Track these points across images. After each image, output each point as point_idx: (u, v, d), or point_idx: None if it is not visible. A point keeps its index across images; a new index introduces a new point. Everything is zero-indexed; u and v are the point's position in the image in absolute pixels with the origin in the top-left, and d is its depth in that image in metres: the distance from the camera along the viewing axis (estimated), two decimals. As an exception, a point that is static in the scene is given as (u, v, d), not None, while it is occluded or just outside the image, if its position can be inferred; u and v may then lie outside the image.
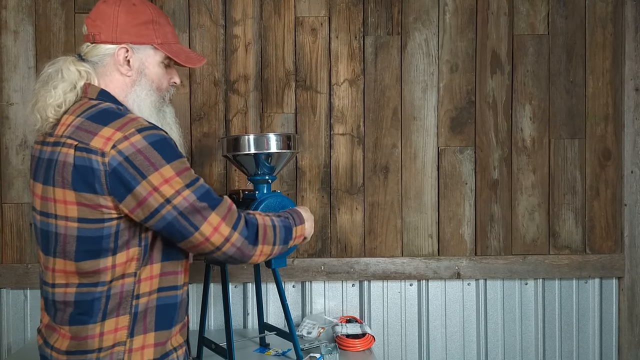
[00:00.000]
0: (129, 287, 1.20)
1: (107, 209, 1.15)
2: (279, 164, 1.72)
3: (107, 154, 1.12)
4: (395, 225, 2.23)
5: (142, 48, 1.28)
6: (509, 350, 2.26)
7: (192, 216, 1.16)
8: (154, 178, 1.13)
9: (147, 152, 1.13)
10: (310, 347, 1.88)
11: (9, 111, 2.14)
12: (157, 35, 1.29)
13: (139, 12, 1.28)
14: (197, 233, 1.17)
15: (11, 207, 2.15)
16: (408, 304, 2.24)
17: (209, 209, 1.18)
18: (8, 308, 2.15)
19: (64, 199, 1.16)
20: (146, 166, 1.13)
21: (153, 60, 1.30)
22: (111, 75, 1.28)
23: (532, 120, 2.24)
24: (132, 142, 1.13)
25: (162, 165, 1.14)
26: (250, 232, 1.24)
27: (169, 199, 1.15)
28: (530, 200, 2.25)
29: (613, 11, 2.25)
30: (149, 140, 1.14)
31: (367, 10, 2.21)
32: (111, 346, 1.19)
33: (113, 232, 1.17)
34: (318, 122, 2.21)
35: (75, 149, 1.15)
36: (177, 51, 1.33)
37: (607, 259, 2.24)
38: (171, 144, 1.19)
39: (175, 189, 1.15)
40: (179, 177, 1.16)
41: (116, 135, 1.14)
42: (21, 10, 2.14)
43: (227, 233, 1.20)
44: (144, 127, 1.16)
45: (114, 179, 1.13)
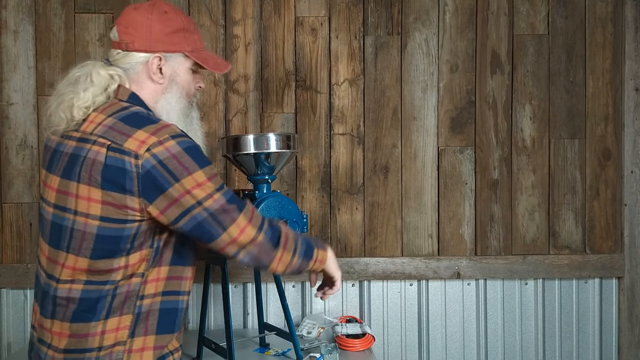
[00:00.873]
0: (135, 287, 1.20)
1: (132, 211, 1.17)
2: (278, 163, 1.72)
3: (141, 157, 1.15)
4: (395, 225, 2.23)
5: (174, 56, 1.31)
6: (509, 350, 2.26)
7: (222, 217, 1.20)
8: (187, 182, 1.17)
9: (181, 158, 1.17)
10: (310, 347, 1.88)
11: (9, 111, 2.14)
12: (187, 43, 1.31)
13: (171, 20, 1.29)
14: (225, 234, 1.21)
15: (11, 207, 2.15)
16: (408, 304, 2.24)
17: (237, 211, 1.23)
18: (8, 308, 2.15)
19: (89, 196, 1.17)
20: (180, 170, 1.16)
21: (183, 67, 1.33)
22: (143, 83, 1.30)
23: (532, 120, 2.24)
24: (167, 147, 1.16)
25: (195, 170, 1.18)
26: (273, 234, 1.28)
27: (200, 200, 1.18)
28: (530, 200, 2.25)
29: (613, 11, 2.25)
30: (183, 146, 1.18)
31: (367, 10, 2.21)
32: (111, 345, 1.19)
33: (132, 233, 1.18)
34: (318, 122, 2.21)
35: (108, 149, 1.16)
36: (206, 58, 1.36)
37: (607, 259, 2.24)
38: (201, 151, 1.23)
39: (207, 192, 1.19)
40: (210, 181, 1.20)
41: (151, 139, 1.16)
42: (21, 10, 2.14)
43: (253, 234, 1.24)
44: (177, 134, 1.20)
45: (146, 181, 1.15)
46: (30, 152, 2.14)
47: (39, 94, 2.14)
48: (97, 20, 2.15)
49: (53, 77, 2.14)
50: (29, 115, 2.14)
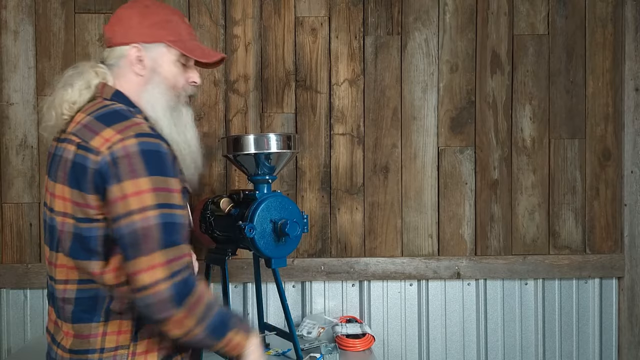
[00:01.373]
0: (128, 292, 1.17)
1: (93, 209, 1.14)
2: (279, 164, 1.72)
3: (101, 154, 1.12)
4: (395, 225, 2.23)
5: (154, 46, 1.27)
6: (509, 350, 2.26)
7: (141, 241, 1.08)
8: (127, 185, 1.09)
9: (134, 159, 1.10)
10: (310, 347, 1.88)
11: (9, 111, 2.14)
12: (169, 33, 1.28)
13: (151, 13, 1.28)
14: (135, 261, 1.08)
15: (11, 207, 2.15)
16: (408, 304, 2.24)
17: (160, 244, 1.09)
18: (8, 308, 2.15)
19: (63, 195, 1.17)
20: (127, 171, 1.10)
21: (167, 58, 1.29)
22: (127, 76, 1.28)
23: (532, 120, 2.24)
24: (125, 145, 1.11)
25: (141, 175, 1.10)
26: (182, 291, 1.10)
27: (130, 211, 1.09)
28: (530, 200, 2.25)
29: (613, 11, 2.25)
30: (142, 147, 1.12)
31: (367, 10, 2.21)
32: (114, 348, 1.18)
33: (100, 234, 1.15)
34: (318, 122, 2.21)
35: (77, 147, 1.15)
36: (192, 47, 1.31)
37: (607, 259, 2.24)
38: (163, 158, 1.14)
39: (143, 204, 1.09)
40: (153, 193, 1.10)
41: (115, 137, 1.13)
42: (21, 10, 2.14)
43: (159, 276, 1.08)
44: (143, 133, 1.14)
45: (98, 177, 1.12)
46: (30, 152, 2.14)
47: (39, 94, 2.14)
48: (97, 20, 2.15)
49: (53, 77, 2.13)
50: (29, 115, 2.14)
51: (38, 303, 2.15)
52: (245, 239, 1.63)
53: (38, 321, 2.15)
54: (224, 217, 1.74)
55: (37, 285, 2.13)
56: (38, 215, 2.14)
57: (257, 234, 1.63)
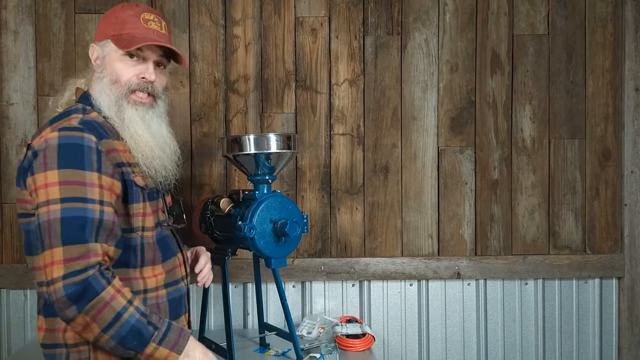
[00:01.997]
0: None
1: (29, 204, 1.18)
2: (279, 164, 1.72)
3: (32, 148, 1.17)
4: (395, 225, 2.23)
5: (103, 44, 1.32)
6: (509, 350, 2.26)
7: (43, 234, 1.07)
8: (38, 178, 1.11)
9: (49, 152, 1.12)
10: (310, 347, 1.88)
11: (9, 111, 2.14)
12: (113, 29, 1.31)
13: (107, 15, 1.35)
14: (38, 256, 1.09)
15: (11, 207, 2.15)
16: (408, 304, 2.24)
17: (60, 240, 1.06)
18: (8, 308, 2.15)
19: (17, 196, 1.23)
20: (39, 164, 1.12)
21: (114, 54, 1.31)
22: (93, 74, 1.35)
23: (532, 120, 2.24)
24: (46, 138, 1.14)
25: (52, 168, 1.10)
26: (80, 293, 1.05)
27: (39, 204, 1.10)
28: (530, 200, 2.25)
29: (613, 11, 2.25)
30: (61, 140, 1.13)
31: (367, 10, 2.21)
32: (74, 344, 1.18)
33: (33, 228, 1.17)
34: (318, 122, 2.20)
35: (27, 148, 1.20)
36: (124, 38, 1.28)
37: (607, 259, 2.24)
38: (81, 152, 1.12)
39: (48, 197, 1.08)
40: (61, 186, 1.08)
41: (48, 133, 1.17)
42: (21, 10, 2.14)
43: (53, 276, 1.05)
44: (68, 127, 1.16)
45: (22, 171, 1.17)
46: (30, 152, 2.14)
47: (39, 94, 2.14)
48: (97, 20, 2.14)
49: (53, 77, 2.14)
50: (29, 115, 2.14)
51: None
52: (245, 239, 1.63)
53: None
54: (224, 217, 1.74)
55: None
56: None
57: (257, 234, 1.63)
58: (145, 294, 1.24)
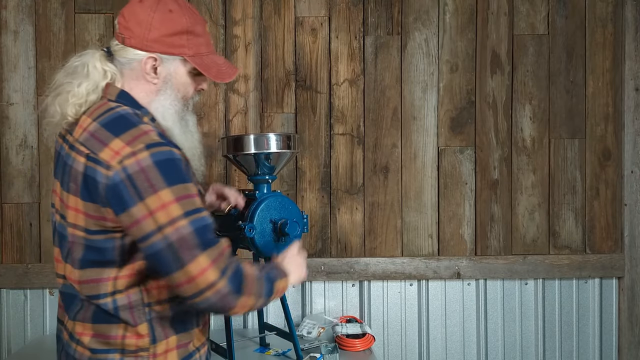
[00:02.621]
0: (136, 296, 1.17)
1: (110, 222, 1.12)
2: (279, 164, 1.72)
3: (112, 168, 1.09)
4: (395, 225, 2.23)
5: (171, 58, 1.23)
6: (509, 350, 2.26)
7: (181, 251, 1.08)
8: (151, 201, 1.08)
9: (150, 172, 1.08)
10: (310, 347, 1.88)
11: (9, 111, 2.14)
12: (189, 47, 1.23)
13: (173, 21, 1.21)
14: (181, 271, 1.08)
15: (11, 207, 2.15)
16: (408, 304, 2.24)
17: (200, 248, 1.09)
18: (8, 308, 2.15)
19: (75, 207, 1.15)
20: (146, 187, 1.08)
21: (182, 70, 1.25)
22: (137, 80, 1.24)
23: (532, 120, 2.24)
24: (138, 159, 1.08)
25: (162, 188, 1.08)
26: (236, 281, 1.13)
27: (161, 226, 1.08)
28: (530, 200, 2.25)
29: (613, 11, 2.25)
30: (155, 158, 1.09)
31: (367, 10, 2.21)
32: (134, 351, 1.18)
33: (118, 245, 1.14)
34: (318, 122, 2.21)
35: (87, 158, 1.12)
36: (209, 64, 1.26)
37: (607, 259, 2.24)
38: (178, 166, 1.12)
39: (171, 216, 1.08)
40: (178, 203, 1.09)
41: (125, 150, 1.10)
42: (21, 10, 2.14)
43: (213, 278, 1.10)
44: (153, 143, 1.11)
45: (113, 194, 1.09)
46: (30, 152, 2.14)
47: (39, 94, 2.14)
48: (97, 20, 2.15)
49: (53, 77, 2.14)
50: (29, 115, 2.14)
51: (38, 303, 2.15)
52: (245, 239, 1.63)
53: (38, 321, 2.15)
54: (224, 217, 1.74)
55: (37, 285, 2.13)
56: (38, 215, 2.15)
57: (257, 233, 1.63)
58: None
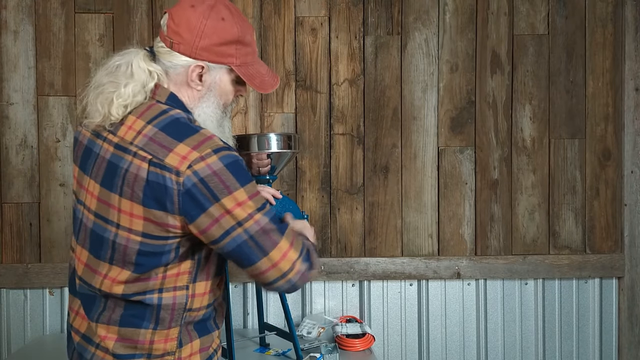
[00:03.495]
0: (182, 299, 1.19)
1: (174, 228, 1.13)
2: (279, 163, 1.72)
3: (183, 174, 1.10)
4: (395, 225, 2.23)
5: (218, 67, 1.23)
6: (509, 350, 2.26)
7: (262, 240, 1.15)
8: (227, 201, 1.12)
9: (223, 175, 1.12)
10: (310, 347, 1.88)
11: (9, 111, 2.14)
12: (237, 57, 1.23)
13: (224, 30, 1.20)
14: (266, 258, 1.15)
15: (11, 207, 2.15)
16: (408, 304, 2.24)
17: (279, 234, 1.17)
18: (8, 308, 2.15)
19: (131, 212, 1.14)
20: (221, 189, 1.11)
21: (227, 78, 1.25)
22: (182, 85, 1.23)
23: (532, 120, 2.24)
24: (208, 164, 1.11)
25: (237, 188, 1.13)
26: (308, 258, 1.23)
27: (241, 221, 1.13)
28: (530, 200, 2.25)
29: (613, 11, 2.25)
30: (225, 162, 1.13)
31: (367, 10, 2.21)
32: (160, 355, 1.19)
33: (174, 247, 1.16)
34: (318, 122, 2.21)
35: (150, 164, 1.12)
36: (253, 74, 1.27)
37: (607, 259, 2.24)
38: (243, 167, 1.17)
39: (248, 212, 1.14)
40: (251, 200, 1.14)
41: (192, 154, 1.11)
42: (21, 10, 2.14)
43: (294, 258, 1.18)
44: (219, 148, 1.14)
45: (187, 199, 1.11)
46: (30, 152, 2.14)
47: (39, 94, 2.14)
48: (97, 20, 2.15)
49: (53, 77, 2.14)
50: (29, 115, 2.14)
51: (38, 303, 2.15)
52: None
53: (38, 321, 2.15)
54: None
55: (37, 285, 2.13)
56: (38, 215, 2.14)
57: (257, 233, 1.63)
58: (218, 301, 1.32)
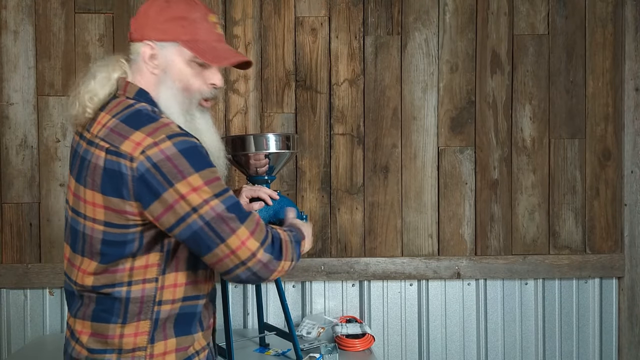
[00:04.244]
0: (150, 292, 1.18)
1: (132, 215, 1.13)
2: (278, 164, 1.72)
3: (136, 159, 1.10)
4: (395, 225, 2.23)
5: (167, 45, 1.21)
6: (509, 350, 2.25)
7: (219, 227, 1.12)
8: (181, 186, 1.10)
9: (176, 160, 1.10)
10: (310, 347, 1.88)
11: (9, 111, 2.14)
12: (184, 32, 1.20)
13: (169, 8, 1.21)
14: (223, 245, 1.12)
15: (11, 207, 2.15)
16: (408, 304, 2.24)
17: (238, 221, 1.14)
18: (8, 308, 2.15)
19: (93, 201, 1.15)
20: (174, 174, 1.10)
21: (180, 58, 1.22)
22: (143, 74, 1.24)
23: (532, 120, 2.24)
24: (162, 149, 1.10)
25: (191, 173, 1.11)
26: (275, 247, 1.19)
27: (195, 207, 1.11)
28: (530, 200, 2.25)
29: (613, 11, 2.25)
30: (179, 147, 1.11)
31: (367, 10, 2.21)
32: (131, 350, 1.18)
33: (137, 237, 1.15)
34: (318, 122, 2.21)
35: (107, 152, 1.13)
36: (204, 49, 1.22)
37: (607, 259, 2.24)
38: (202, 152, 1.15)
39: (203, 198, 1.11)
40: (208, 186, 1.12)
41: (146, 140, 1.11)
42: (21, 10, 2.14)
43: (254, 247, 1.14)
44: (174, 134, 1.13)
45: (141, 185, 1.11)
46: (30, 152, 2.14)
47: (39, 94, 2.14)
48: (97, 20, 2.15)
49: (53, 77, 2.14)
50: (29, 115, 2.14)
51: (38, 303, 2.15)
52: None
53: (38, 321, 2.15)
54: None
55: (37, 285, 2.13)
56: (38, 215, 2.15)
57: (257, 234, 1.62)
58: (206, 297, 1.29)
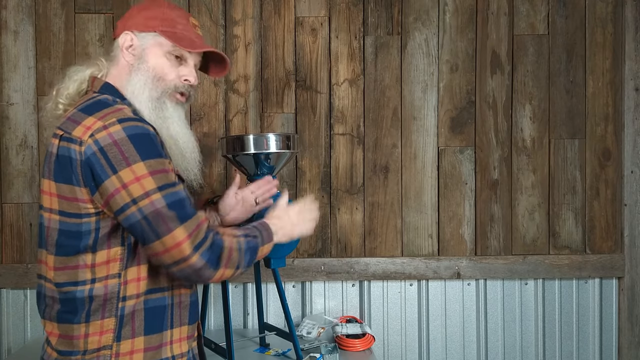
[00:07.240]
0: (113, 288, 1.15)
1: (84, 203, 1.11)
2: (278, 164, 1.72)
3: (84, 143, 1.09)
4: (395, 225, 2.23)
5: (146, 35, 1.26)
6: (509, 350, 2.25)
7: (156, 223, 1.09)
8: (124, 174, 1.08)
9: (123, 145, 1.08)
10: (310, 347, 1.88)
11: (9, 111, 2.14)
12: (164, 25, 1.26)
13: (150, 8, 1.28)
14: (159, 242, 1.10)
15: (11, 207, 2.15)
16: (408, 304, 2.24)
17: (177, 221, 1.10)
18: (8, 308, 2.15)
19: (49, 191, 1.15)
20: (119, 160, 1.08)
21: (157, 49, 1.26)
22: (118, 63, 1.27)
23: (532, 120, 2.24)
24: (110, 132, 1.09)
25: (136, 161, 1.08)
26: (213, 255, 1.14)
27: (135, 199, 1.08)
28: (530, 200, 2.25)
29: (613, 11, 2.25)
30: (128, 132, 1.09)
31: (367, 10, 2.21)
32: (96, 349, 1.15)
33: (93, 228, 1.13)
34: (318, 122, 2.21)
35: (60, 139, 1.13)
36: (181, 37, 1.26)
37: (607, 259, 2.24)
38: (152, 141, 1.12)
39: (145, 189, 1.09)
40: (152, 177, 1.09)
41: (96, 124, 1.10)
42: (21, 10, 2.14)
43: (187, 252, 1.10)
44: (126, 118, 1.11)
45: (87, 169, 1.09)
46: (30, 152, 2.14)
47: (39, 94, 2.14)
48: (97, 20, 2.15)
49: (53, 77, 2.14)
50: (29, 115, 2.14)
51: (38, 303, 2.16)
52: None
53: (38, 321, 2.15)
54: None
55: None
56: (38, 215, 2.14)
57: (257, 234, 1.62)
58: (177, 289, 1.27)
